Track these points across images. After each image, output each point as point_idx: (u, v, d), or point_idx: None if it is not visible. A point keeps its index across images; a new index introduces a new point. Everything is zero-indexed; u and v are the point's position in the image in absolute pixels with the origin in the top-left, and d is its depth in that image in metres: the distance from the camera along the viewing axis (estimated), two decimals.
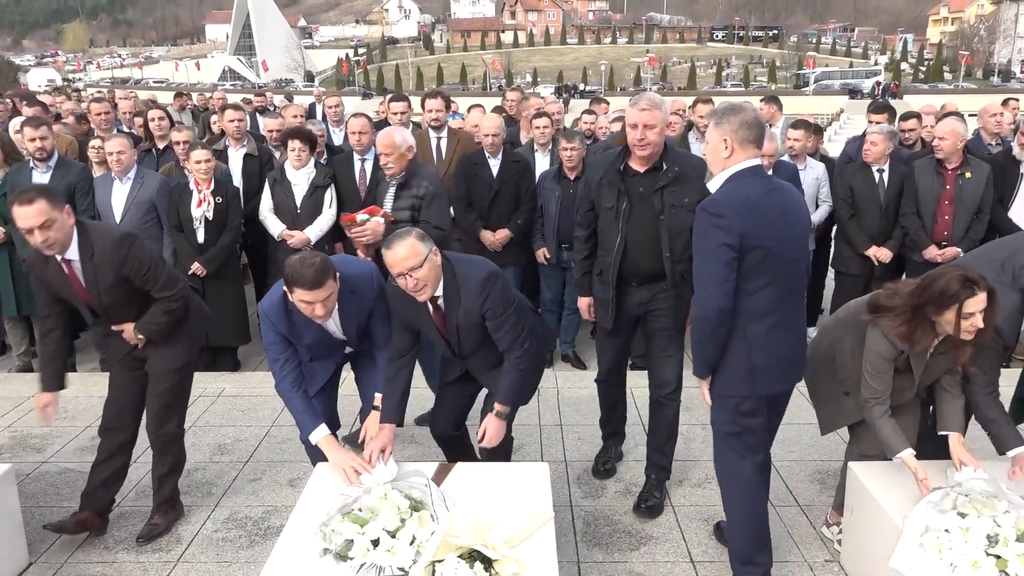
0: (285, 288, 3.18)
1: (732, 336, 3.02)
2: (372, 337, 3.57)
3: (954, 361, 3.14)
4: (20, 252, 5.63)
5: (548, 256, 6.04)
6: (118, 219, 5.60)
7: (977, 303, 2.88)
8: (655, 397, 3.98)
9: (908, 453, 3.12)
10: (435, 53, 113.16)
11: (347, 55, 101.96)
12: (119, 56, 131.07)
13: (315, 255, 3.16)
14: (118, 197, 5.63)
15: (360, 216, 4.50)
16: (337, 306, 3.31)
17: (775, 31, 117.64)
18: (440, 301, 3.28)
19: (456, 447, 3.81)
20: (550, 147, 6.37)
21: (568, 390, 5.42)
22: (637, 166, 3.74)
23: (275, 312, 3.37)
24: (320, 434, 3.31)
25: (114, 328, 3.63)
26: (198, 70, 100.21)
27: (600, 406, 4.37)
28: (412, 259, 3.05)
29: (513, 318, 3.30)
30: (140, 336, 3.59)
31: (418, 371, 4.02)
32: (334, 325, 3.43)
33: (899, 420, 3.23)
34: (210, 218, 5.68)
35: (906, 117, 6.97)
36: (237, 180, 6.37)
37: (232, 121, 6.56)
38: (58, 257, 3.40)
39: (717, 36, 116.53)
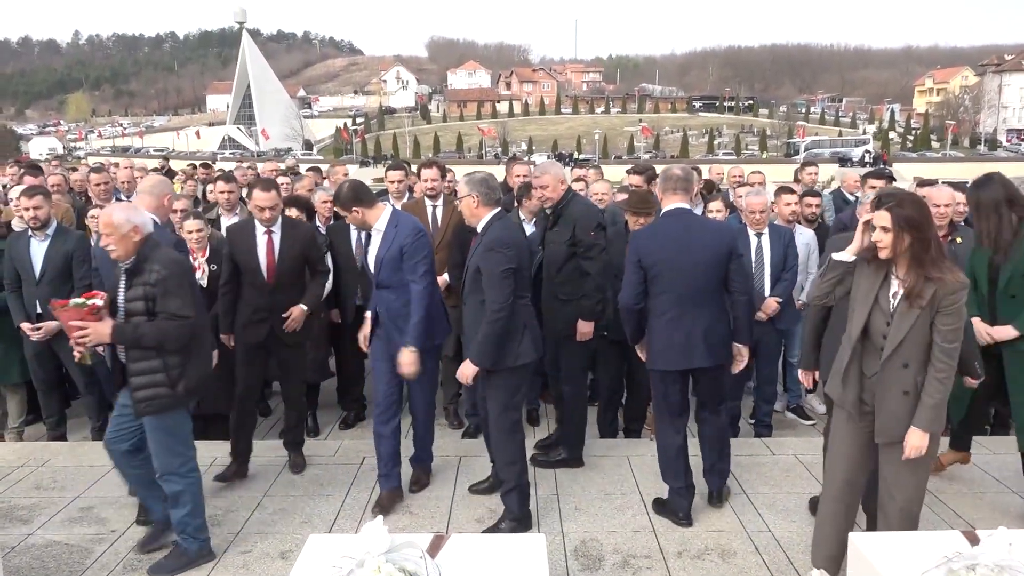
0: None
1: (647, 327, 4.29)
2: (405, 282, 4.36)
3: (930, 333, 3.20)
4: (16, 319, 5.64)
5: None
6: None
7: (876, 217, 3.18)
8: None
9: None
10: (432, 122, 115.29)
11: (345, 124, 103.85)
12: (120, 125, 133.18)
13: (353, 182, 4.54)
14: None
15: (74, 300, 3.76)
16: (384, 230, 4.38)
17: (751, 100, 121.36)
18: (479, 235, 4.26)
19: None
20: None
21: None
22: None
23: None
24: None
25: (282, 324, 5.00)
26: (198, 139, 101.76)
27: None
28: (459, 189, 4.33)
29: (498, 280, 4.02)
30: (307, 309, 5.04)
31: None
32: (376, 243, 4.44)
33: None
34: (204, 285, 5.68)
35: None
36: None
37: (223, 192, 6.93)
38: (262, 230, 4.94)
39: (696, 106, 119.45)
